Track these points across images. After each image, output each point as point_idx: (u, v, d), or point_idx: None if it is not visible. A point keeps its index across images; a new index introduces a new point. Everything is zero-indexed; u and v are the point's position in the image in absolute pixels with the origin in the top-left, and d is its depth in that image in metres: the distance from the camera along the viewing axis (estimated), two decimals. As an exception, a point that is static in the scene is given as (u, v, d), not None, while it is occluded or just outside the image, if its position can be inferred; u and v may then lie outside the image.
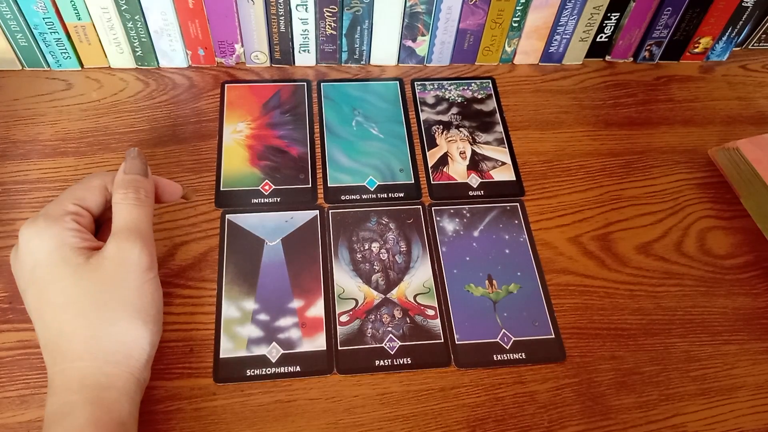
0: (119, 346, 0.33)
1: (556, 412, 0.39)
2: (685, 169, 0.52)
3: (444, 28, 0.53)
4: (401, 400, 0.39)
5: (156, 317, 0.35)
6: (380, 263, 0.44)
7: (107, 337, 0.32)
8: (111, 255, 0.33)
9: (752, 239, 0.48)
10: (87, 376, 0.31)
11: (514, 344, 0.41)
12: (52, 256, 0.33)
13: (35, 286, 0.33)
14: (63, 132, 0.49)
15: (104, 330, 0.32)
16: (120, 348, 0.33)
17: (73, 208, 0.35)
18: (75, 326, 0.32)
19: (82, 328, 0.32)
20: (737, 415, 0.40)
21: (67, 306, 0.32)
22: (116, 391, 0.32)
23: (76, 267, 0.32)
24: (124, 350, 0.33)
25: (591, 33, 0.55)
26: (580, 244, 0.46)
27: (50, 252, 0.33)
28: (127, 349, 0.33)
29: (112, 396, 0.32)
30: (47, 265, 0.33)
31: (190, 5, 0.49)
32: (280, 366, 0.40)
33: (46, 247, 0.33)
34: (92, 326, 0.32)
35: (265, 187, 0.47)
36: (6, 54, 0.51)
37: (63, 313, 0.32)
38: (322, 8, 0.51)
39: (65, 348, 0.32)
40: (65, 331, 0.32)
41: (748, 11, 0.55)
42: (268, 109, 0.52)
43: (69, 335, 0.32)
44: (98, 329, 0.32)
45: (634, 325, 0.43)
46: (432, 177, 0.49)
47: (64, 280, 0.32)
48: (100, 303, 0.32)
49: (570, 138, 0.53)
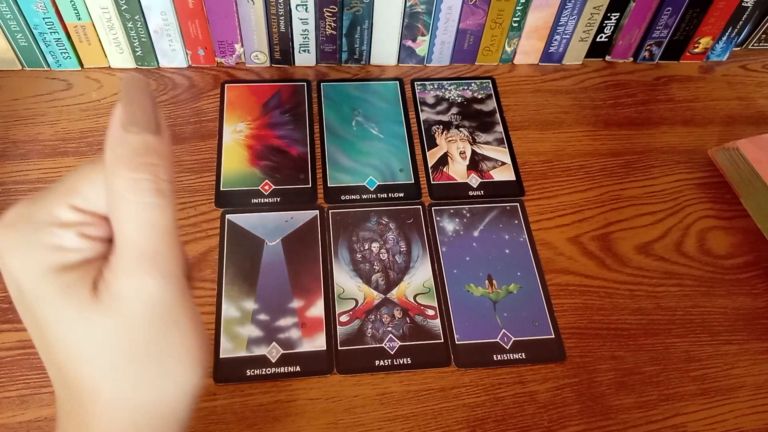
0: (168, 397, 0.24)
1: (556, 412, 0.39)
2: (685, 169, 0.52)
3: (444, 28, 0.53)
4: (401, 400, 0.39)
5: (203, 349, 0.25)
6: (380, 263, 0.44)
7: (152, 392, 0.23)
8: (130, 295, 0.22)
9: (752, 239, 0.48)
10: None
11: (514, 344, 0.41)
12: (41, 286, 0.22)
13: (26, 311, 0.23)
14: (63, 132, 0.49)
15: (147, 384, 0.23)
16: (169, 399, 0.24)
17: (72, 217, 0.22)
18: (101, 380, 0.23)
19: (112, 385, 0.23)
20: (737, 415, 0.40)
21: (84, 357, 0.22)
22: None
23: (83, 308, 0.22)
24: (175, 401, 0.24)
25: (591, 33, 0.55)
26: (580, 244, 0.46)
27: (37, 279, 0.22)
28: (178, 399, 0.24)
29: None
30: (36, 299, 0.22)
31: (190, 5, 0.49)
32: (280, 366, 0.40)
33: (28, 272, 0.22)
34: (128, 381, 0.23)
35: (265, 187, 0.47)
36: (6, 54, 0.51)
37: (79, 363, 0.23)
38: (322, 8, 0.51)
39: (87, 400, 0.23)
40: (86, 383, 0.23)
41: (748, 11, 0.55)
42: (268, 109, 0.52)
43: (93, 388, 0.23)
44: (138, 385, 0.23)
45: (634, 325, 0.43)
46: (432, 177, 0.49)
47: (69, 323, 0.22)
48: (133, 356, 0.22)
49: (570, 138, 0.53)
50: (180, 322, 0.23)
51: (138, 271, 0.22)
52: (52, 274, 0.22)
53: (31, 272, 0.22)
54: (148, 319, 0.22)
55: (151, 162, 0.21)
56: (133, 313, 0.22)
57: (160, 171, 0.22)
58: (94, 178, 0.23)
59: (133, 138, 0.21)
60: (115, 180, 0.21)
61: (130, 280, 0.22)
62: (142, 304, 0.22)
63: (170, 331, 0.23)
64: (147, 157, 0.21)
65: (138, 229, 0.22)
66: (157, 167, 0.22)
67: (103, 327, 0.22)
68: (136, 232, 0.22)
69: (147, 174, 0.21)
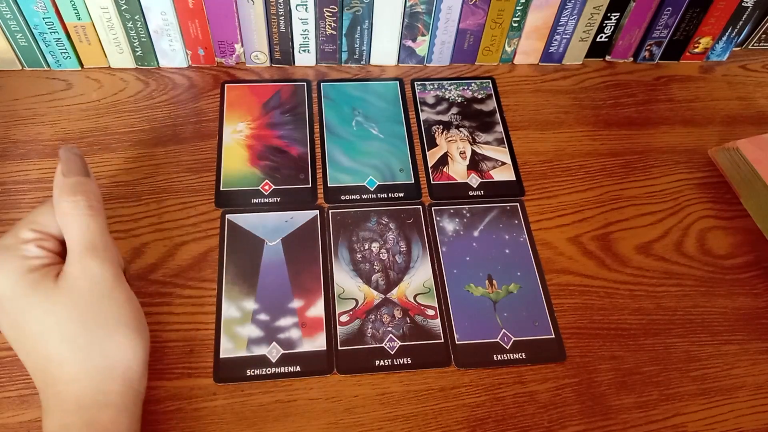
0: (115, 361, 0.32)
1: (556, 412, 0.39)
2: (685, 169, 0.52)
3: (444, 28, 0.53)
4: (401, 400, 0.39)
5: (140, 322, 0.34)
6: (380, 263, 0.44)
7: (101, 355, 0.32)
8: (77, 274, 0.32)
9: (752, 239, 0.48)
10: (83, 397, 0.31)
11: (514, 344, 0.41)
12: (17, 287, 0.31)
13: (7, 317, 0.32)
14: (63, 132, 0.49)
15: (96, 348, 0.32)
16: (116, 363, 0.32)
17: (32, 235, 0.33)
18: (62, 351, 0.31)
19: (71, 352, 0.31)
20: (737, 415, 0.40)
21: (49, 333, 0.31)
22: (114, 408, 0.31)
23: (46, 293, 0.31)
24: (121, 364, 0.32)
25: (591, 33, 0.55)
26: (580, 244, 0.46)
27: (14, 283, 0.31)
28: (124, 362, 0.32)
29: (109, 415, 0.31)
30: (14, 297, 0.32)
31: (190, 5, 0.49)
32: (280, 366, 0.40)
33: (7, 279, 0.32)
34: (82, 348, 0.31)
35: (265, 187, 0.47)
36: (6, 54, 0.51)
37: (46, 341, 0.31)
38: (322, 8, 0.51)
39: (56, 372, 0.31)
40: (53, 357, 0.31)
41: (748, 11, 0.55)
42: (268, 109, 0.52)
43: (58, 360, 0.31)
44: (90, 349, 0.31)
45: (634, 325, 0.43)
46: (432, 177, 0.49)
47: (36, 308, 0.31)
48: (83, 323, 0.32)
49: (570, 138, 0.53)
50: (117, 297, 0.33)
51: (83, 257, 0.32)
52: (24, 275, 0.32)
53: (8, 280, 0.31)
54: (94, 292, 0.32)
55: (83, 191, 0.34)
56: (82, 288, 0.32)
57: (90, 196, 0.34)
58: (46, 211, 0.34)
59: (71, 180, 0.34)
60: (61, 204, 0.33)
61: (77, 264, 0.32)
62: (88, 281, 0.32)
63: (110, 303, 0.33)
64: (80, 188, 0.34)
65: (80, 231, 0.33)
66: (88, 193, 0.34)
67: (62, 303, 0.31)
68: (79, 233, 0.33)
69: (82, 197, 0.33)
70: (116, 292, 0.33)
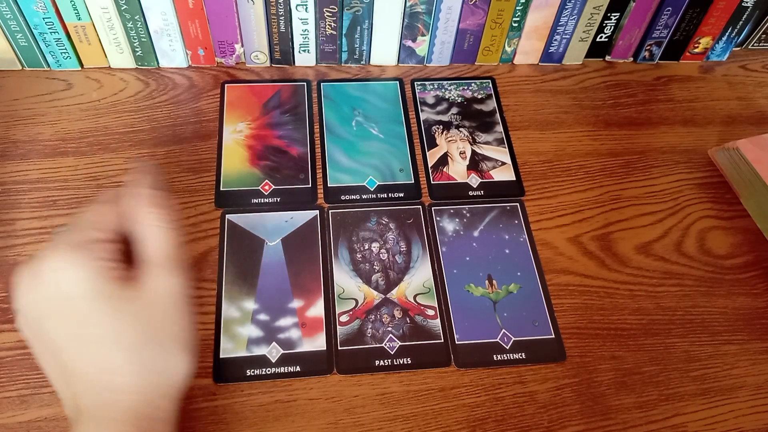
0: (169, 379, 0.32)
1: (556, 412, 0.39)
2: (685, 169, 0.52)
3: (444, 28, 0.53)
4: (401, 400, 0.39)
5: (195, 344, 0.33)
6: (380, 263, 0.44)
7: (159, 371, 0.31)
8: (151, 287, 0.32)
9: (752, 239, 0.48)
10: (140, 409, 0.31)
11: (514, 344, 0.41)
12: (86, 289, 0.30)
13: (70, 316, 0.31)
14: (63, 132, 0.49)
15: (156, 364, 0.31)
16: (170, 381, 0.32)
17: (98, 235, 0.32)
18: (122, 361, 0.30)
19: (131, 363, 0.31)
20: (737, 415, 0.40)
21: (110, 340, 0.31)
22: (167, 423, 0.32)
23: (115, 300, 0.31)
24: (174, 383, 0.32)
25: (591, 33, 0.55)
26: (580, 244, 0.46)
27: (83, 284, 0.30)
28: (176, 382, 0.32)
29: (163, 429, 0.31)
30: (86, 297, 0.31)
31: (190, 5, 0.49)
32: (280, 366, 0.40)
33: (78, 280, 0.30)
34: (143, 361, 0.31)
35: (265, 187, 0.47)
36: (6, 54, 0.51)
37: (105, 347, 0.31)
38: (322, 8, 0.51)
39: (109, 381, 0.30)
40: (110, 365, 0.31)
41: (748, 11, 0.55)
42: (268, 109, 0.52)
43: (115, 369, 0.30)
44: (150, 364, 0.31)
45: (634, 325, 0.43)
46: (432, 177, 0.49)
47: (102, 313, 0.30)
48: (148, 337, 0.31)
49: (570, 138, 0.53)
50: (183, 316, 0.33)
51: (160, 270, 0.32)
52: (93, 280, 0.31)
53: (78, 281, 0.30)
54: (164, 307, 0.32)
55: (164, 204, 0.34)
56: (154, 302, 0.32)
57: (169, 210, 0.34)
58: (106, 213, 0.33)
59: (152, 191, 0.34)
60: (143, 214, 0.33)
61: (154, 277, 0.32)
62: (161, 295, 0.32)
63: (176, 321, 0.32)
64: (161, 201, 0.34)
65: (161, 244, 0.33)
66: (167, 207, 0.34)
67: (131, 313, 0.31)
68: (159, 246, 0.33)
69: (163, 210, 0.33)
70: (184, 310, 0.33)
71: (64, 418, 0.37)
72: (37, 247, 0.43)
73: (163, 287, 0.32)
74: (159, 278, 0.32)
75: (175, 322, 0.32)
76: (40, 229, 0.44)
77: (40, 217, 0.45)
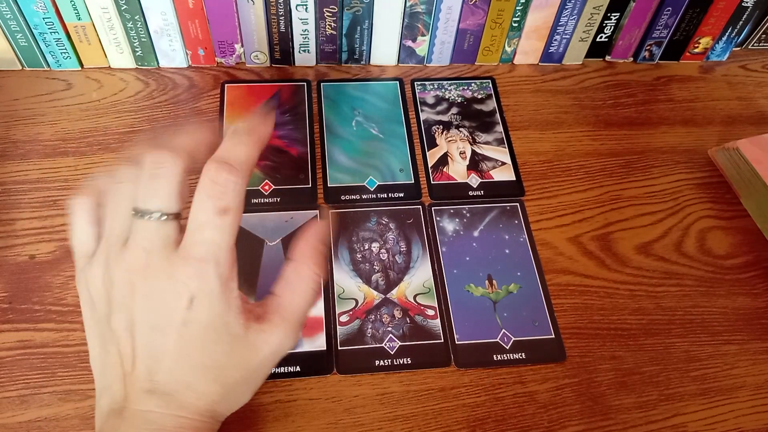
0: (228, 413, 0.33)
1: (556, 412, 0.39)
2: (685, 169, 0.52)
3: (444, 28, 0.53)
4: (401, 400, 0.39)
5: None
6: (380, 263, 0.44)
7: (230, 406, 0.32)
8: (271, 341, 0.31)
9: (752, 239, 0.48)
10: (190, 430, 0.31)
11: (514, 344, 0.41)
12: (215, 318, 0.30)
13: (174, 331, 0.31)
14: (63, 132, 0.49)
15: (231, 401, 0.32)
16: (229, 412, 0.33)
17: (234, 272, 0.32)
18: (210, 389, 0.30)
19: (215, 394, 0.31)
20: (737, 415, 0.40)
21: (208, 368, 0.30)
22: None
23: (234, 338, 0.30)
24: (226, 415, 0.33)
25: (591, 33, 0.55)
26: (580, 244, 0.46)
27: (215, 314, 0.30)
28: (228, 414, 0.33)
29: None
30: (205, 325, 0.30)
31: (190, 5, 0.49)
32: (280, 366, 0.40)
33: (213, 309, 0.30)
34: (225, 395, 0.31)
35: (265, 187, 0.47)
36: (6, 54, 0.51)
37: (198, 371, 0.30)
38: (322, 8, 0.51)
39: (186, 400, 0.30)
40: (195, 388, 0.30)
41: (748, 11, 0.55)
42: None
43: (198, 393, 0.30)
44: (228, 399, 0.32)
45: (634, 325, 0.43)
46: (432, 177, 0.49)
47: (215, 343, 0.30)
48: (241, 379, 0.31)
49: (570, 138, 0.53)
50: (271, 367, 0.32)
51: (284, 324, 0.32)
52: (225, 314, 0.30)
53: (213, 310, 0.30)
54: (268, 362, 0.32)
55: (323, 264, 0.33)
56: (267, 354, 0.31)
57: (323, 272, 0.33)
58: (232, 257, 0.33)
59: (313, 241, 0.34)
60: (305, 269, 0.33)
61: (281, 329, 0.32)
62: (276, 350, 0.32)
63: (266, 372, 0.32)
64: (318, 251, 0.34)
65: (298, 300, 0.33)
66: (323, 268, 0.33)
67: (239, 357, 0.31)
68: (296, 300, 0.33)
69: (315, 265, 0.33)
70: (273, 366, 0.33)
71: (65, 417, 0.37)
72: (37, 247, 0.43)
73: (278, 343, 0.31)
74: (283, 338, 0.32)
75: (263, 375, 0.32)
76: (40, 229, 0.44)
77: (40, 217, 0.45)
